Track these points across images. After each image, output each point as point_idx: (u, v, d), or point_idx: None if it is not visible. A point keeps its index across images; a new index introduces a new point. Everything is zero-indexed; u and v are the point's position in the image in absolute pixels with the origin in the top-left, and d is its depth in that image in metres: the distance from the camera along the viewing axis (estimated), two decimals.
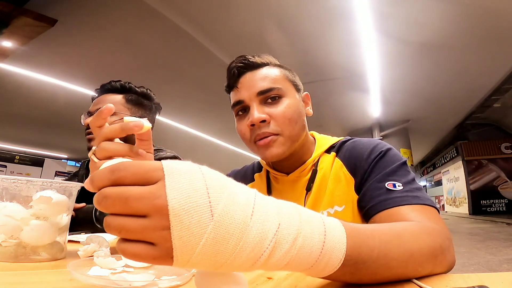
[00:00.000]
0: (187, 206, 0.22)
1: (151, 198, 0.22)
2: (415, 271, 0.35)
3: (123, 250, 0.23)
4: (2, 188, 0.46)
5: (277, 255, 0.25)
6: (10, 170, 10.00)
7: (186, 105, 6.14)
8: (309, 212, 0.29)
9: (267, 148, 0.60)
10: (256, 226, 0.24)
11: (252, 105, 0.61)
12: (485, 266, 2.99)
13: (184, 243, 0.22)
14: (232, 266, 0.24)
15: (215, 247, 0.22)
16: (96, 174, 0.24)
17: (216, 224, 0.22)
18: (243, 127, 0.63)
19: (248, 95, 0.62)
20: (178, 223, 0.21)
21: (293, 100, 0.63)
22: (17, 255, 0.45)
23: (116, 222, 0.23)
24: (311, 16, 3.68)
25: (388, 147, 0.61)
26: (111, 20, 3.73)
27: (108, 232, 0.23)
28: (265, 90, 0.61)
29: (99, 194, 0.23)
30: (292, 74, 0.68)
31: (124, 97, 1.05)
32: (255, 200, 0.25)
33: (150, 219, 0.22)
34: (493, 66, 5.05)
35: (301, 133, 0.64)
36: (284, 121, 0.60)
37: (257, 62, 0.65)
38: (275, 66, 0.66)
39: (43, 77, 4.89)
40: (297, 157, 0.66)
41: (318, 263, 0.27)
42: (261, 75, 0.63)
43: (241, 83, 0.64)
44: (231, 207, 0.23)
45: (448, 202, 12.38)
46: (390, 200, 0.52)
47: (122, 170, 0.23)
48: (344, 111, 6.78)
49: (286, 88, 0.63)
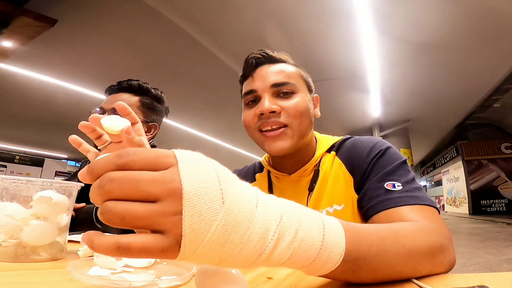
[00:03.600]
0: (201, 191, 0.21)
1: (165, 181, 0.21)
2: (414, 270, 0.35)
3: (128, 245, 0.20)
4: (2, 188, 0.46)
5: (280, 247, 0.25)
6: (10, 170, 10.01)
7: (186, 105, 6.14)
8: (307, 209, 0.29)
9: (275, 140, 0.60)
10: (262, 216, 0.24)
11: (264, 96, 0.61)
12: (485, 266, 2.99)
13: (194, 229, 0.21)
14: (237, 259, 0.24)
15: (223, 235, 0.22)
16: (98, 160, 0.23)
17: (227, 212, 0.22)
18: (250, 115, 0.63)
19: (262, 85, 0.62)
20: (191, 207, 0.21)
21: (305, 97, 0.63)
22: (17, 255, 0.45)
23: (121, 207, 0.21)
24: (311, 16, 3.69)
25: (388, 146, 0.61)
26: (111, 20, 3.73)
27: (105, 221, 0.21)
28: (280, 83, 0.62)
29: (103, 178, 0.22)
30: (306, 75, 0.69)
31: (140, 99, 1.04)
32: (257, 193, 0.26)
33: (162, 203, 0.21)
34: (493, 66, 5.05)
35: (309, 130, 0.64)
36: (296, 114, 0.60)
37: (275, 56, 0.66)
38: (292, 64, 0.67)
39: (43, 77, 4.90)
40: (300, 157, 0.66)
41: (319, 257, 0.27)
42: (278, 69, 0.64)
43: (257, 74, 0.64)
44: (240, 197, 0.24)
45: (448, 202, 12.38)
46: (389, 201, 0.52)
47: (131, 155, 0.22)
48: (344, 111, 6.78)
49: (299, 85, 0.64)
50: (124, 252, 0.21)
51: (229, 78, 5.12)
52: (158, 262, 0.44)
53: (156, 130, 1.11)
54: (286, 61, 0.67)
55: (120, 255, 0.21)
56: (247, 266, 0.25)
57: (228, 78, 5.10)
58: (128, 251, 0.21)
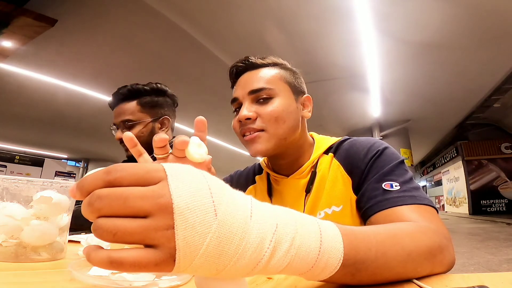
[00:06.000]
0: (192, 205, 0.21)
1: (154, 196, 0.21)
2: (414, 270, 0.35)
3: (120, 260, 0.20)
4: (2, 188, 0.46)
5: (277, 255, 0.25)
6: (10, 170, 10.00)
7: (186, 105, 6.12)
8: (303, 215, 0.29)
9: (252, 143, 0.62)
10: (257, 226, 0.24)
11: (244, 103, 0.64)
12: (485, 266, 2.99)
13: (188, 243, 0.21)
14: (233, 270, 0.23)
15: (218, 247, 0.22)
16: (87, 177, 0.23)
17: (220, 224, 0.22)
18: (235, 122, 0.66)
19: (242, 93, 0.65)
20: (183, 221, 0.21)
21: (284, 100, 0.63)
22: (17, 255, 0.45)
23: (111, 223, 0.21)
24: (311, 16, 3.68)
25: (385, 146, 0.61)
26: (111, 20, 3.73)
27: (98, 237, 0.21)
28: (256, 90, 0.63)
29: (92, 195, 0.22)
30: (293, 77, 0.68)
31: (138, 102, 1.03)
32: (251, 202, 0.26)
33: (153, 218, 0.21)
34: (493, 66, 5.05)
35: (290, 133, 0.64)
36: (270, 119, 0.61)
37: (256, 63, 0.67)
38: (275, 67, 0.67)
39: (43, 77, 4.89)
40: (294, 158, 0.66)
41: (318, 264, 0.27)
42: (256, 76, 0.65)
43: (239, 82, 0.68)
44: (233, 208, 0.23)
45: (448, 202, 12.38)
46: (387, 201, 0.52)
47: (119, 171, 0.22)
48: (344, 111, 6.77)
49: (279, 89, 0.64)
50: (117, 266, 0.21)
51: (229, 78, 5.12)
52: None
53: (170, 122, 1.11)
54: (269, 64, 0.67)
55: (114, 269, 0.21)
56: (245, 276, 0.25)
57: (228, 78, 5.10)
58: (121, 265, 0.21)
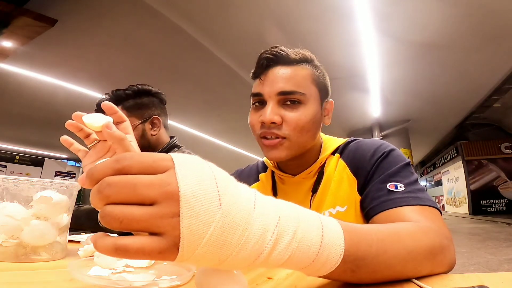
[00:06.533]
0: (198, 193, 0.22)
1: (162, 185, 0.22)
2: (414, 270, 0.35)
3: (125, 246, 0.21)
4: (2, 188, 0.46)
5: (279, 248, 0.25)
6: (10, 170, 9.98)
7: (186, 105, 6.14)
8: (305, 210, 0.29)
9: (272, 149, 0.59)
10: (259, 217, 0.24)
11: (269, 103, 0.58)
12: (485, 266, 2.99)
13: (192, 231, 0.21)
14: (235, 260, 0.24)
15: (221, 237, 0.22)
16: (97, 165, 0.23)
17: (224, 213, 0.22)
18: (254, 119, 0.61)
19: (269, 91, 0.59)
20: (188, 209, 0.21)
21: (312, 108, 0.60)
22: (17, 255, 0.45)
23: (118, 210, 0.21)
24: (311, 16, 3.68)
25: (392, 148, 0.61)
26: (111, 20, 3.73)
27: (105, 224, 0.22)
28: (287, 92, 0.58)
29: (101, 183, 0.22)
30: (322, 76, 0.64)
31: (122, 107, 1.01)
32: (255, 195, 0.26)
33: (159, 206, 0.22)
34: (493, 66, 5.05)
35: (310, 142, 0.62)
36: (296, 128, 0.58)
37: (289, 57, 0.60)
38: (308, 65, 0.62)
39: (43, 77, 4.89)
40: (304, 160, 0.66)
41: (318, 258, 0.27)
42: (288, 74, 0.59)
43: (266, 76, 0.60)
44: (237, 198, 0.24)
45: (448, 202, 12.38)
46: (391, 201, 0.52)
47: (128, 159, 0.23)
48: (344, 111, 6.77)
49: (310, 94, 0.59)
50: (122, 253, 0.21)
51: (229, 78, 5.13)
52: (158, 262, 0.44)
53: (161, 121, 1.09)
54: (303, 61, 0.61)
55: (119, 256, 0.22)
56: (246, 267, 0.25)
57: (228, 78, 5.10)
58: (126, 252, 0.21)
